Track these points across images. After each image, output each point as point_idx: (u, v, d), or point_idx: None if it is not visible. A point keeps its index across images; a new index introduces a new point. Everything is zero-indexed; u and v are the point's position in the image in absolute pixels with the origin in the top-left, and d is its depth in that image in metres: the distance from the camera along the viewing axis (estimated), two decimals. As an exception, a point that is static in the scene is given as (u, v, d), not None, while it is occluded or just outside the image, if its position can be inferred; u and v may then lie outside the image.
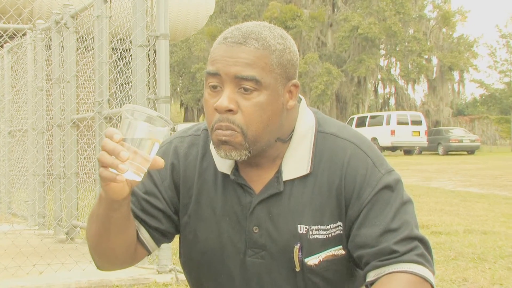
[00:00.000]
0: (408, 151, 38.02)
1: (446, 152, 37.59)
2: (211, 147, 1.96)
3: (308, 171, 1.89)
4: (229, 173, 1.93)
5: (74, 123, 7.19)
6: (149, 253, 2.00)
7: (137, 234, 1.95)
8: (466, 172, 20.50)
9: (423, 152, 39.36)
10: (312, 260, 1.88)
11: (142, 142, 1.58)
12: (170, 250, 5.55)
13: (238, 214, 1.92)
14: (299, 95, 1.96)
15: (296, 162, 1.91)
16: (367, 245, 1.82)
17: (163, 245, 5.19)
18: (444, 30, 49.75)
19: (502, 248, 7.09)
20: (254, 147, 1.82)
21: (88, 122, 6.97)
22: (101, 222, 1.81)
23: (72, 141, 7.20)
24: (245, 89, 1.78)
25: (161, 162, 1.64)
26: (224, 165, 1.94)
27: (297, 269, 1.88)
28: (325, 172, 1.89)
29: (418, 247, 1.82)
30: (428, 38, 48.93)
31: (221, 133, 1.80)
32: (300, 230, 1.87)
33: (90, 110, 7.51)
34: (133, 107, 1.58)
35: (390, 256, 1.80)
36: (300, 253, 1.87)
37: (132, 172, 1.58)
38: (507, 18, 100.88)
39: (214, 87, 1.82)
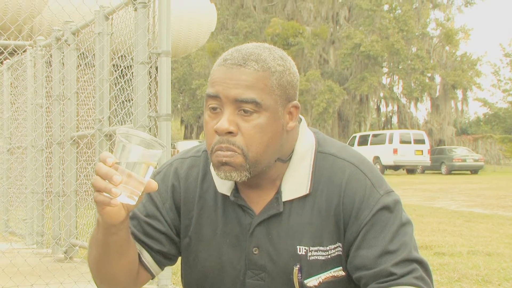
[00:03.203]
0: (411, 170, 37.99)
1: (449, 172, 37.54)
2: (211, 168, 1.97)
3: (307, 192, 1.89)
4: (229, 194, 1.93)
5: (74, 140, 7.15)
6: (153, 276, 2.01)
7: (140, 258, 1.95)
8: (469, 192, 20.44)
9: (426, 171, 39.34)
10: (312, 282, 1.86)
11: (136, 165, 1.59)
12: (170, 269, 5.49)
13: (238, 235, 1.92)
14: (300, 115, 1.96)
15: (295, 183, 1.91)
16: (365, 266, 1.82)
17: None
18: (447, 48, 49.79)
19: (507, 270, 7.03)
20: (254, 168, 1.82)
21: (88, 140, 6.93)
22: (101, 247, 1.82)
23: (72, 159, 7.16)
24: (245, 111, 1.79)
25: (154, 185, 1.66)
26: (224, 186, 1.95)
27: None
28: (324, 192, 1.89)
29: (417, 270, 1.81)
30: (431, 56, 48.98)
31: (222, 154, 1.80)
32: (299, 251, 1.87)
33: (91, 128, 7.46)
34: (127, 130, 1.58)
35: (388, 278, 1.79)
36: (300, 274, 1.86)
37: (126, 196, 1.59)
38: (511, 37, 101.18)
39: (214, 108, 1.83)
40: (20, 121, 9.23)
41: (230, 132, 1.79)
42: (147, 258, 1.96)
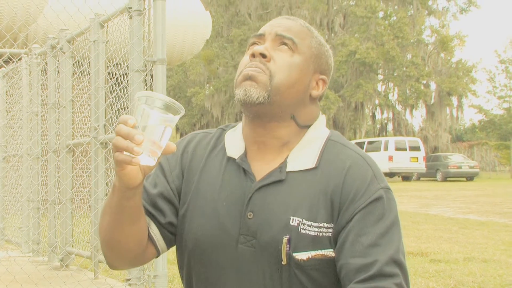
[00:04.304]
0: (406, 177, 38.02)
1: (445, 179, 37.57)
2: (226, 137, 2.06)
3: (313, 166, 1.94)
4: (236, 157, 1.99)
5: (69, 148, 7.14)
6: (158, 253, 2.02)
7: (148, 232, 1.97)
8: (465, 199, 20.47)
9: (421, 178, 39.38)
10: (301, 256, 1.86)
11: (155, 128, 1.61)
12: (166, 277, 5.47)
13: (237, 199, 1.94)
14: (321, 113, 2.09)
15: (302, 157, 1.96)
16: (352, 252, 1.83)
17: (160, 272, 5.16)
18: (442, 55, 49.81)
19: (503, 277, 7.05)
20: (274, 97, 1.91)
21: (84, 148, 6.92)
22: (114, 213, 1.84)
23: (67, 167, 7.15)
24: (282, 46, 1.96)
25: (173, 147, 1.68)
26: (235, 150, 2.01)
27: (284, 262, 1.86)
28: (326, 171, 1.93)
29: (398, 276, 1.81)
30: (426, 63, 49.01)
31: (249, 69, 1.93)
32: (292, 222, 1.87)
33: (86, 136, 7.46)
34: (146, 94, 1.61)
35: (369, 275, 1.78)
36: (288, 246, 1.85)
37: (146, 155, 1.61)
38: (506, 43, 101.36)
39: (255, 43, 2.01)
40: (16, 129, 9.23)
41: (264, 57, 1.93)
42: (154, 231, 1.98)
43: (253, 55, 1.95)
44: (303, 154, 1.96)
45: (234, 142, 2.03)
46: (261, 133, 1.97)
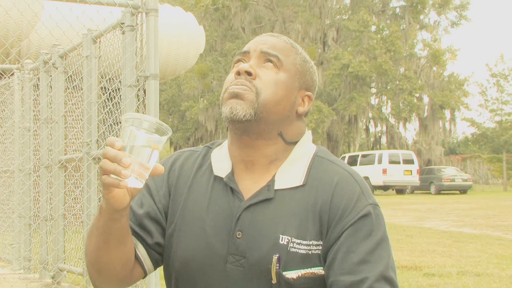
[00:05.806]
0: (400, 190, 38.05)
1: (438, 192, 37.61)
2: (212, 155, 2.05)
3: (301, 183, 1.93)
4: (223, 176, 1.97)
5: (61, 164, 7.11)
6: (145, 273, 2.00)
7: (135, 252, 1.96)
8: (458, 212, 20.48)
9: (415, 191, 39.42)
10: (291, 274, 1.85)
11: (142, 149, 1.60)
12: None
13: (225, 218, 1.93)
14: (307, 129, 2.09)
15: (290, 175, 1.95)
16: (341, 270, 1.82)
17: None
18: (434, 68, 49.90)
19: (497, 291, 7.02)
20: (260, 114, 1.90)
21: (76, 163, 6.89)
22: (101, 235, 1.82)
23: (59, 183, 7.12)
24: (267, 64, 1.97)
25: (161, 169, 1.67)
26: (222, 168, 2.00)
27: (274, 281, 1.85)
28: (314, 188, 1.92)
29: None
30: (419, 77, 49.09)
31: (235, 87, 1.92)
32: (281, 240, 1.86)
33: (78, 151, 7.43)
34: (133, 116, 1.60)
35: None
36: (278, 265, 1.84)
37: (134, 178, 1.60)
38: (497, 57, 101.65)
39: (240, 61, 2.01)
40: (7, 144, 9.19)
41: (249, 74, 1.93)
42: (141, 251, 1.97)
43: (238, 73, 1.94)
44: (291, 172, 1.95)
45: (221, 160, 2.02)
46: (249, 152, 1.96)
